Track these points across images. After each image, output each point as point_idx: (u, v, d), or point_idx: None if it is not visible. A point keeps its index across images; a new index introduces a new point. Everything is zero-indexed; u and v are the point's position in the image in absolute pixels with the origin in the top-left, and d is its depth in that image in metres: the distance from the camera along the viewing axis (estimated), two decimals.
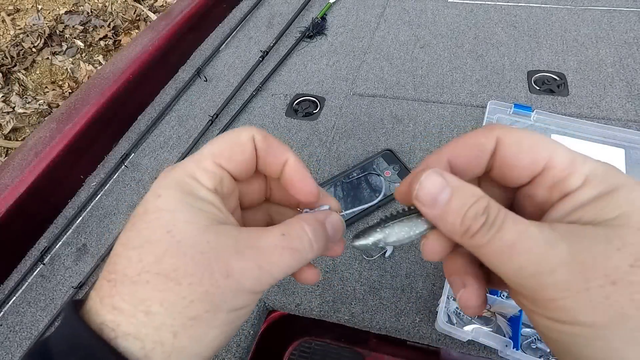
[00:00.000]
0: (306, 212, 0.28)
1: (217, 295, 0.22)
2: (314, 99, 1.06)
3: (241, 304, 0.23)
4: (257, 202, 0.31)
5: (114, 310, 0.21)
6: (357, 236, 0.27)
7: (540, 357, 0.65)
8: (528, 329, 0.67)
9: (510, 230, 0.21)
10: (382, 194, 0.83)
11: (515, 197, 0.27)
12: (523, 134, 0.24)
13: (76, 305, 0.23)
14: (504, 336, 0.64)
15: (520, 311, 0.64)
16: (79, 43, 2.61)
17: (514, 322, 0.66)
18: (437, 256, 0.26)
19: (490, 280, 0.27)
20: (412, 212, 0.26)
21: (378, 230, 0.27)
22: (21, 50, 2.52)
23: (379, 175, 0.87)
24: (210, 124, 1.03)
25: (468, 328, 0.66)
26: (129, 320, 0.21)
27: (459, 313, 0.69)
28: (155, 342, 0.21)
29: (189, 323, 0.22)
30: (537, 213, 0.25)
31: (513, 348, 0.61)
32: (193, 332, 0.22)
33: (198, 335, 0.22)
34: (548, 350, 0.65)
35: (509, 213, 0.22)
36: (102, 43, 2.61)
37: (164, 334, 0.21)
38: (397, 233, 0.26)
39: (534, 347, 0.66)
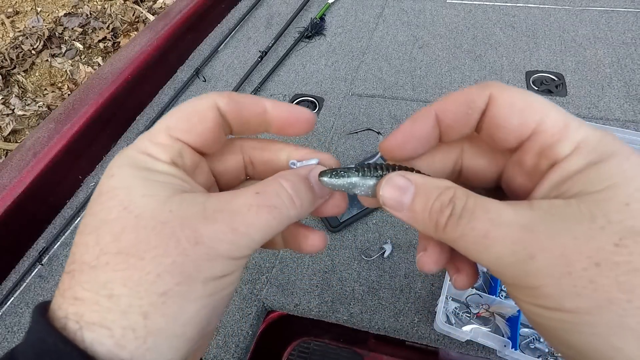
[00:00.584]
0: (292, 165, 0.26)
1: (187, 264, 0.20)
2: (313, 99, 1.06)
3: (220, 272, 0.21)
4: (236, 181, 0.29)
5: (76, 301, 0.20)
6: (328, 173, 0.25)
7: (538, 357, 0.65)
8: (526, 329, 0.67)
9: (481, 220, 0.20)
10: None
11: (505, 166, 0.25)
12: (518, 94, 0.22)
13: (44, 307, 0.21)
14: (503, 336, 0.64)
15: (519, 311, 0.64)
16: (78, 45, 2.61)
17: (513, 322, 0.66)
18: (434, 267, 0.25)
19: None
20: (392, 169, 0.25)
21: (353, 179, 0.25)
22: (20, 52, 2.53)
23: None
24: None
25: (467, 328, 0.66)
26: (92, 308, 0.19)
27: (458, 313, 0.69)
28: (125, 327, 0.19)
29: (159, 300, 0.19)
30: (526, 185, 0.23)
31: (512, 348, 0.61)
32: (166, 309, 0.19)
33: (173, 313, 0.20)
34: (547, 350, 0.65)
35: (480, 200, 0.21)
36: (101, 45, 2.61)
37: (133, 317, 0.19)
38: (369, 188, 0.25)
39: (533, 347, 0.66)
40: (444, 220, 0.21)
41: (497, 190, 0.26)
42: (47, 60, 2.54)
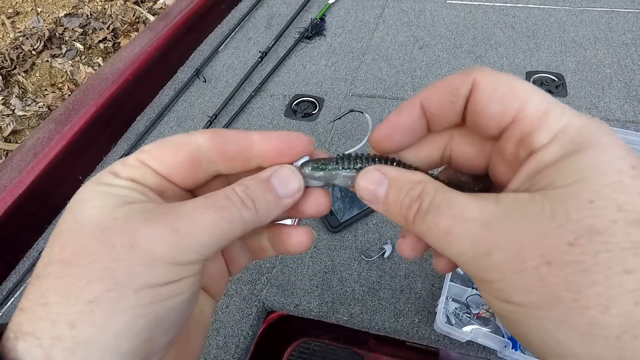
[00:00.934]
0: None
1: (118, 269, 0.19)
2: (313, 100, 1.06)
3: (160, 279, 0.19)
4: None
5: (19, 311, 0.19)
6: (309, 166, 0.25)
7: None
8: None
9: (445, 216, 0.20)
10: None
11: (491, 154, 0.24)
12: (501, 79, 0.21)
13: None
14: (503, 337, 0.64)
15: None
16: (79, 45, 2.61)
17: None
18: (412, 253, 0.25)
19: None
20: (372, 160, 0.25)
21: (333, 171, 0.25)
22: (21, 53, 2.53)
23: None
24: (209, 125, 1.03)
25: (467, 329, 0.66)
26: (28, 317, 0.19)
27: (458, 314, 0.69)
28: (53, 337, 0.18)
29: (87, 308, 0.18)
30: (507, 174, 0.22)
31: (512, 348, 0.61)
32: (95, 318, 0.18)
33: (102, 322, 0.18)
34: None
35: (447, 195, 0.21)
36: (101, 45, 2.61)
37: (60, 326, 0.18)
38: (348, 179, 0.25)
39: None
40: (412, 215, 0.22)
41: (488, 177, 0.26)
42: (47, 60, 2.54)
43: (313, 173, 0.25)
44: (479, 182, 0.26)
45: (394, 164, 0.25)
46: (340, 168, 0.25)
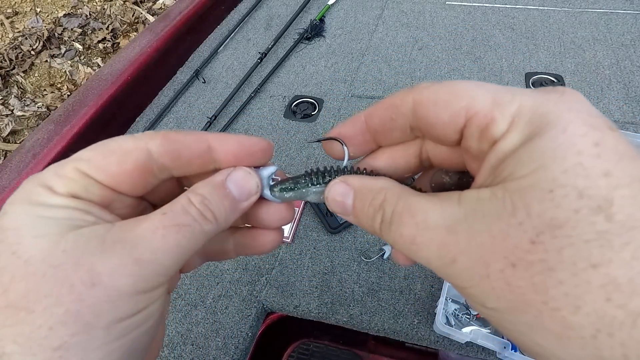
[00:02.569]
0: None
1: (83, 310, 0.18)
2: (313, 101, 1.06)
3: (127, 311, 0.19)
4: (172, 197, 0.26)
5: None
6: (277, 188, 0.25)
7: None
8: None
9: (408, 225, 0.19)
10: None
11: (462, 154, 0.23)
12: (441, 88, 0.20)
13: None
14: (502, 338, 0.64)
15: None
16: (78, 46, 2.61)
17: None
18: (407, 262, 0.24)
19: None
20: (342, 173, 0.25)
21: (303, 189, 0.25)
22: (20, 53, 2.53)
23: None
24: (209, 126, 1.03)
25: (466, 330, 0.66)
26: None
27: (458, 315, 0.69)
28: None
29: (55, 355, 0.17)
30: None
31: (511, 350, 0.61)
32: None
33: None
34: None
35: (409, 202, 0.20)
36: (100, 46, 2.61)
37: None
38: (319, 194, 0.25)
39: None
40: (378, 226, 0.21)
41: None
42: (46, 60, 2.53)
43: (283, 194, 0.25)
44: (465, 177, 0.25)
45: (362, 173, 0.24)
46: (310, 185, 0.25)
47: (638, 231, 0.15)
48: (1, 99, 2.35)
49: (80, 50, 2.61)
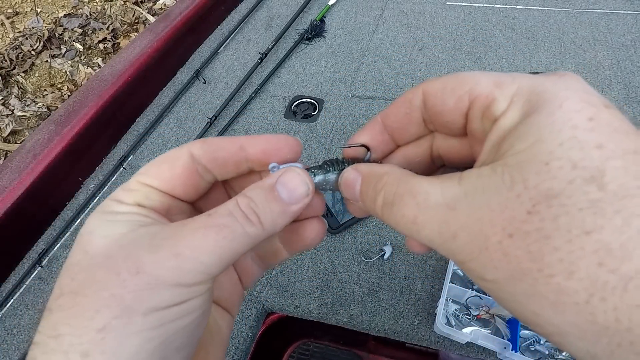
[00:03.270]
0: (273, 168, 0.25)
1: (125, 296, 0.19)
2: (313, 101, 1.06)
3: (165, 301, 0.20)
4: None
5: (34, 345, 0.19)
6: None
7: (538, 359, 0.65)
8: (527, 331, 0.67)
9: (409, 205, 0.20)
10: None
11: (470, 141, 0.24)
12: (446, 79, 0.22)
13: None
14: (503, 338, 0.64)
15: None
16: (78, 46, 2.61)
17: (513, 324, 0.66)
18: (421, 249, 0.25)
19: None
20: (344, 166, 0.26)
21: (319, 177, 0.26)
22: (20, 53, 2.52)
23: None
24: (209, 126, 1.03)
25: (467, 330, 0.66)
26: (42, 350, 0.19)
27: (458, 315, 0.69)
28: None
29: (98, 337, 0.18)
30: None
31: (512, 350, 0.61)
32: (105, 346, 0.18)
33: (113, 349, 0.18)
34: (547, 352, 0.65)
35: (410, 183, 0.21)
36: (101, 46, 2.61)
37: (73, 357, 0.18)
38: (333, 183, 0.26)
39: (533, 349, 0.66)
40: (380, 208, 0.22)
41: None
42: (46, 61, 2.53)
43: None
44: None
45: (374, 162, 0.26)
46: (331, 170, 0.26)
47: (629, 199, 0.15)
48: (1, 99, 2.35)
49: (80, 50, 2.61)
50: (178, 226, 0.21)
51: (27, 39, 2.60)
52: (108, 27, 2.70)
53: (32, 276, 0.85)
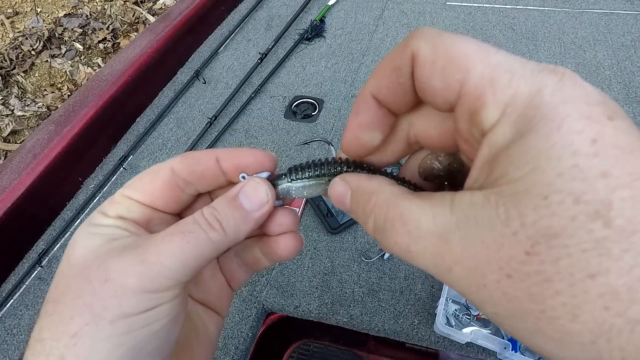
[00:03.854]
0: (242, 178, 0.26)
1: (95, 303, 0.20)
2: (313, 101, 1.06)
3: (133, 309, 0.21)
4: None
5: (27, 348, 0.21)
6: (277, 183, 0.26)
7: (538, 359, 0.65)
8: None
9: (401, 234, 0.19)
10: None
11: (453, 134, 0.21)
12: (440, 44, 0.17)
13: None
14: (503, 338, 0.64)
15: None
16: (78, 46, 2.61)
17: None
18: None
19: None
20: (328, 173, 0.25)
21: (292, 183, 0.25)
22: (20, 53, 2.52)
23: None
24: (209, 126, 1.03)
25: (467, 330, 0.66)
26: (32, 352, 0.21)
27: (458, 315, 0.69)
28: None
29: (71, 342, 0.20)
30: (472, 153, 0.19)
31: (512, 350, 0.61)
32: (78, 350, 0.20)
33: (85, 354, 0.20)
34: None
35: (400, 207, 0.19)
36: (101, 46, 2.61)
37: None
38: (307, 190, 0.26)
39: None
40: (372, 232, 0.21)
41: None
42: (46, 60, 2.53)
43: (291, 185, 0.26)
44: (456, 162, 0.23)
45: (359, 167, 0.24)
46: (314, 176, 0.25)
47: (638, 236, 0.14)
48: (1, 99, 2.35)
49: (80, 50, 2.61)
50: (150, 237, 0.23)
51: (27, 38, 2.60)
52: (108, 27, 2.70)
53: (32, 276, 0.85)
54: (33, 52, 2.56)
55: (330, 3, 1.30)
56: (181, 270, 0.22)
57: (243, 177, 0.26)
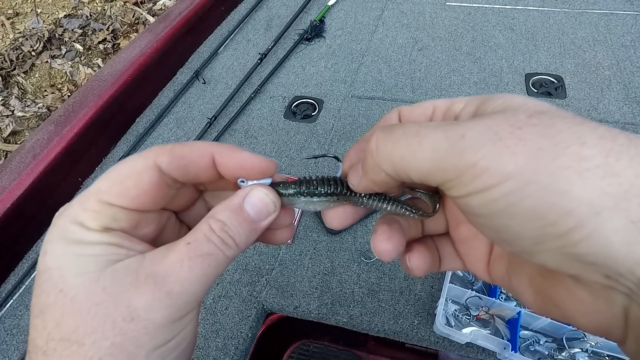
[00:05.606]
0: (241, 183, 0.25)
1: (126, 343, 0.20)
2: (313, 101, 1.06)
3: (164, 339, 0.21)
4: (192, 202, 0.28)
5: None
6: (278, 191, 0.25)
7: (538, 359, 0.65)
8: (526, 332, 0.67)
9: (409, 125, 0.21)
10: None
11: None
12: (414, 105, 0.25)
13: None
14: (502, 338, 0.64)
15: (519, 313, 0.64)
16: (78, 46, 2.61)
17: (512, 324, 0.66)
18: (423, 271, 0.27)
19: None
20: (338, 193, 0.26)
21: (297, 198, 0.26)
22: (20, 53, 2.53)
23: None
24: (209, 127, 1.03)
25: (466, 330, 0.66)
26: None
27: (458, 316, 0.69)
28: None
29: None
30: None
31: (511, 350, 0.61)
32: None
33: None
34: (546, 352, 0.65)
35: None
36: (101, 46, 2.61)
37: None
38: (311, 205, 0.26)
39: (532, 349, 0.66)
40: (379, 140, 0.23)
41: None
42: (46, 61, 2.54)
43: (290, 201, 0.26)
44: (435, 197, 0.27)
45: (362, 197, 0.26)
46: (318, 194, 0.26)
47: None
48: (2, 99, 2.35)
49: (80, 51, 2.62)
50: (158, 259, 0.22)
51: (27, 39, 2.61)
52: (108, 27, 2.71)
53: (32, 276, 0.85)
54: (33, 53, 2.56)
55: (330, 3, 1.30)
56: (203, 291, 0.22)
57: (242, 182, 0.25)
